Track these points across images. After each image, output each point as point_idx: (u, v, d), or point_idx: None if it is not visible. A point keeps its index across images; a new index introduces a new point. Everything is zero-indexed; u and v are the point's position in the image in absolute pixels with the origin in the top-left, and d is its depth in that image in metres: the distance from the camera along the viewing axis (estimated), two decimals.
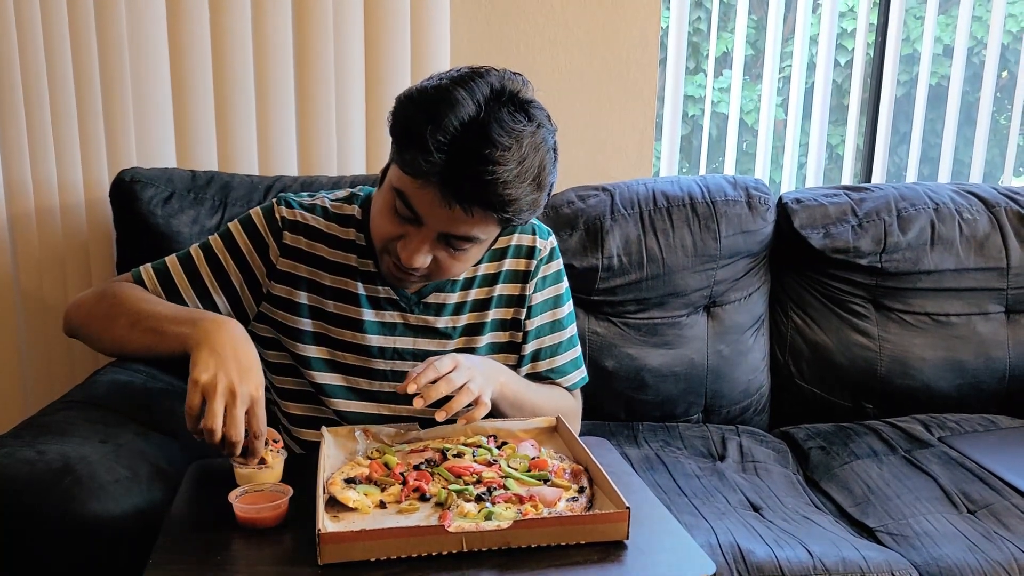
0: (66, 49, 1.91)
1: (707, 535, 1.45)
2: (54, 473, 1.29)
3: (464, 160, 1.14)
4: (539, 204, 1.23)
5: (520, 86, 1.22)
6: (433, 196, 1.18)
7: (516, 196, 1.17)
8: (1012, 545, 1.46)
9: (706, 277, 2.00)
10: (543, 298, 1.50)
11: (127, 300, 1.31)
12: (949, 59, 2.94)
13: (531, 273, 1.47)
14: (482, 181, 1.15)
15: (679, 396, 2.01)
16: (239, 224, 1.42)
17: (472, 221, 1.20)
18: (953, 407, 2.06)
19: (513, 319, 1.48)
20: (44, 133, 1.95)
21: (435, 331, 1.43)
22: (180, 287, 1.39)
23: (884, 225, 2.04)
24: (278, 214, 1.40)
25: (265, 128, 2.05)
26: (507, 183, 1.15)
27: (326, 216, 1.42)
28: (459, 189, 1.16)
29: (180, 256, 1.42)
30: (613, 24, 2.21)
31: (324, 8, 1.99)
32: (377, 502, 1.12)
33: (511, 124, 1.16)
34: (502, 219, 1.21)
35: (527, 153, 1.17)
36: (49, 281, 2.03)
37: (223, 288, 1.40)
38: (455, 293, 1.44)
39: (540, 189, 1.21)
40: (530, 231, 1.48)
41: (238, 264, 1.40)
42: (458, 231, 1.22)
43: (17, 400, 2.09)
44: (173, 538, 1.08)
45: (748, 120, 3.56)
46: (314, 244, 1.41)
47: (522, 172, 1.17)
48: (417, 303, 1.42)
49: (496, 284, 1.46)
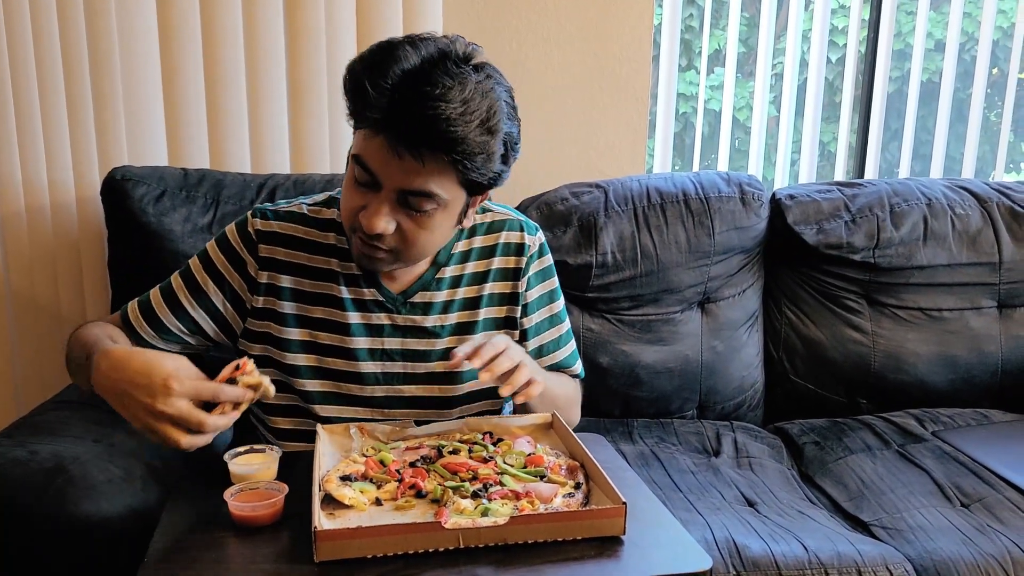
0: (56, 47, 1.90)
1: (703, 530, 1.45)
2: (47, 473, 1.29)
3: (406, 101, 1.14)
4: (492, 150, 1.20)
5: (470, 50, 1.21)
6: (382, 145, 1.17)
7: (463, 135, 1.15)
8: (1005, 538, 1.47)
9: (700, 273, 2.00)
10: (538, 294, 1.49)
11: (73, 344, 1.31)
12: (941, 55, 2.95)
13: (522, 270, 1.46)
14: (425, 118, 1.13)
15: (674, 392, 2.01)
16: (215, 243, 1.41)
17: (425, 171, 1.18)
18: (946, 402, 2.07)
19: (507, 317, 1.47)
20: (34, 132, 1.94)
21: (423, 330, 1.41)
22: (163, 317, 1.38)
23: (877, 221, 2.05)
24: (251, 227, 1.39)
25: (257, 126, 2.04)
26: (450, 119, 1.14)
27: (304, 222, 1.40)
28: (403, 131, 1.15)
29: (162, 286, 1.41)
30: (606, 21, 2.21)
31: (316, 5, 1.98)
32: (373, 499, 1.12)
33: (455, 70, 1.16)
34: (454, 164, 1.18)
35: (471, 96, 1.16)
36: (40, 280, 2.02)
37: (206, 310, 1.39)
38: (442, 291, 1.42)
39: (490, 133, 1.18)
40: (518, 228, 1.47)
41: (217, 283, 1.39)
42: (413, 184, 1.20)
43: (8, 400, 2.08)
44: (168, 537, 1.08)
45: (740, 117, 3.57)
46: (293, 252, 1.39)
47: (467, 112, 1.15)
48: (404, 303, 1.40)
49: (486, 282, 1.45)
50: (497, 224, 1.46)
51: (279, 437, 1.43)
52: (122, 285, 1.88)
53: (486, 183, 1.24)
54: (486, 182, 1.24)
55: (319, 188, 1.90)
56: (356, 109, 1.20)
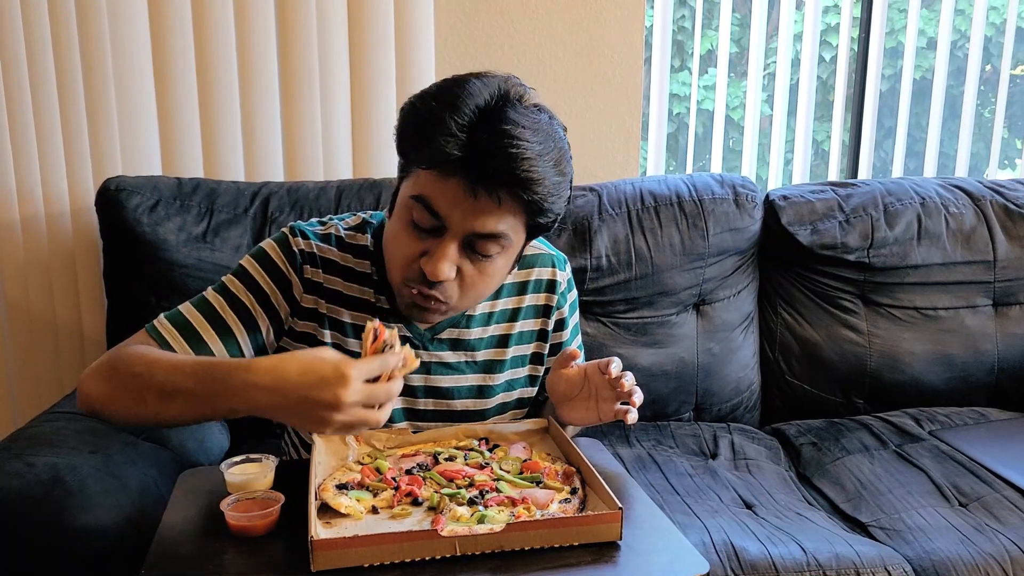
0: (49, 58, 1.90)
1: (700, 534, 1.45)
2: (43, 484, 1.28)
3: (486, 137, 1.11)
4: (563, 193, 1.19)
5: (524, 91, 1.19)
6: (456, 186, 1.13)
7: (541, 174, 1.13)
8: (1004, 537, 1.47)
9: (695, 275, 2.00)
10: (570, 329, 1.47)
11: (147, 372, 1.13)
12: (933, 52, 2.95)
13: (552, 308, 1.43)
14: (507, 155, 1.10)
15: (670, 395, 2.01)
16: (255, 262, 1.31)
17: (499, 212, 1.15)
18: (943, 401, 2.07)
19: (535, 353, 1.43)
20: (28, 142, 1.94)
21: (448, 366, 1.37)
22: (204, 335, 1.26)
23: (871, 220, 2.05)
24: (295, 247, 1.31)
25: (251, 134, 2.04)
26: (531, 159, 1.11)
27: (340, 247, 1.34)
28: (484, 169, 1.11)
29: (196, 303, 1.29)
30: (597, 24, 2.21)
31: (308, 14, 1.98)
32: (369, 507, 1.11)
33: (523, 110, 1.15)
34: (528, 205, 1.15)
35: (544, 136, 1.15)
36: (35, 291, 2.01)
37: (250, 332, 1.29)
38: (473, 329, 1.38)
39: (562, 175, 1.17)
40: (549, 263, 1.43)
41: (263, 306, 1.30)
42: (484, 227, 1.16)
43: (4, 411, 2.08)
44: (165, 547, 1.07)
45: (734, 117, 3.57)
46: (331, 278, 1.33)
47: (544, 152, 1.13)
48: (431, 339, 1.36)
49: (517, 320, 1.41)
50: (529, 260, 1.42)
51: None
52: (117, 295, 1.88)
53: (548, 225, 1.22)
54: (549, 224, 1.22)
55: (313, 195, 1.90)
56: (428, 149, 1.13)
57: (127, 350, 1.19)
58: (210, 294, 1.30)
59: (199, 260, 1.81)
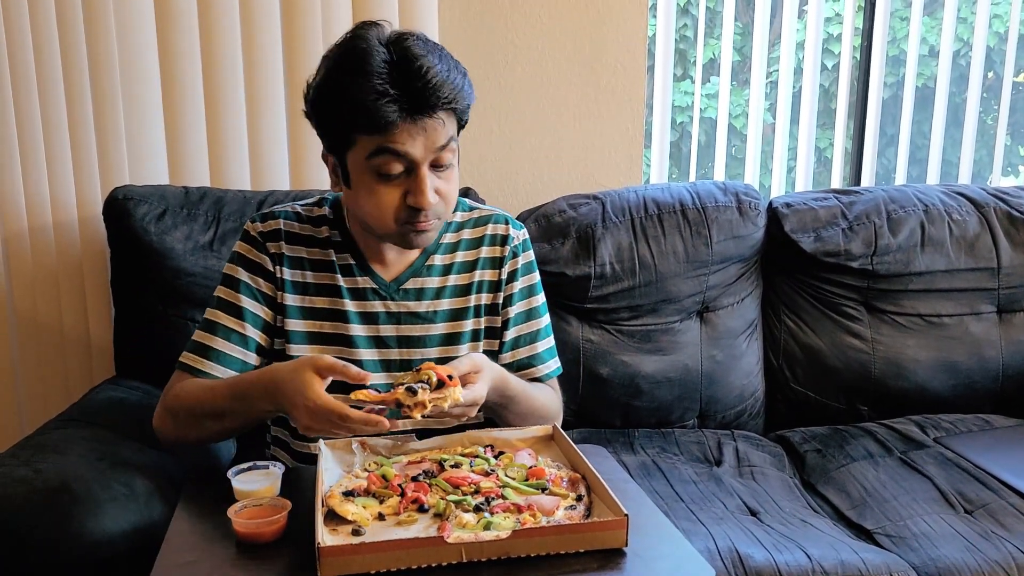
0: (57, 67, 1.92)
1: (705, 540, 1.45)
2: (51, 492, 1.29)
3: (406, 80, 1.25)
4: (470, 86, 1.35)
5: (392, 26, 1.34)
6: (406, 128, 1.27)
7: (458, 84, 1.30)
8: (1010, 544, 1.47)
9: (698, 283, 2.01)
10: (520, 287, 1.54)
11: (197, 404, 1.36)
12: (935, 60, 2.96)
13: (504, 259, 1.52)
14: (430, 86, 1.26)
15: (674, 402, 2.02)
16: (231, 263, 1.46)
17: (442, 127, 1.30)
18: (947, 407, 2.07)
19: (492, 304, 1.52)
20: (36, 151, 1.95)
21: (416, 316, 1.46)
22: (220, 348, 1.41)
23: (874, 227, 2.05)
24: (253, 231, 1.45)
25: (257, 143, 2.05)
26: (446, 78, 1.28)
27: (299, 219, 1.47)
28: (419, 105, 1.26)
29: (201, 325, 1.44)
30: (600, 32, 2.22)
31: (313, 24, 2.00)
32: (376, 514, 1.12)
33: (413, 44, 1.29)
34: (456, 110, 1.32)
35: (438, 53, 1.31)
36: (43, 299, 2.02)
37: (252, 325, 1.43)
38: (434, 278, 1.48)
39: (464, 73, 1.33)
40: (503, 221, 1.54)
41: (252, 297, 1.43)
42: (439, 143, 1.30)
43: (12, 419, 2.08)
44: (172, 555, 1.08)
45: (737, 125, 3.58)
46: (293, 247, 1.45)
47: (446, 66, 1.30)
48: (396, 290, 1.46)
49: (475, 270, 1.51)
50: (484, 218, 1.54)
51: (294, 436, 1.47)
52: (125, 304, 1.89)
53: (467, 118, 1.37)
54: (467, 116, 1.37)
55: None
56: (364, 119, 1.26)
57: (174, 392, 1.40)
58: (208, 312, 1.45)
59: (206, 268, 1.82)
